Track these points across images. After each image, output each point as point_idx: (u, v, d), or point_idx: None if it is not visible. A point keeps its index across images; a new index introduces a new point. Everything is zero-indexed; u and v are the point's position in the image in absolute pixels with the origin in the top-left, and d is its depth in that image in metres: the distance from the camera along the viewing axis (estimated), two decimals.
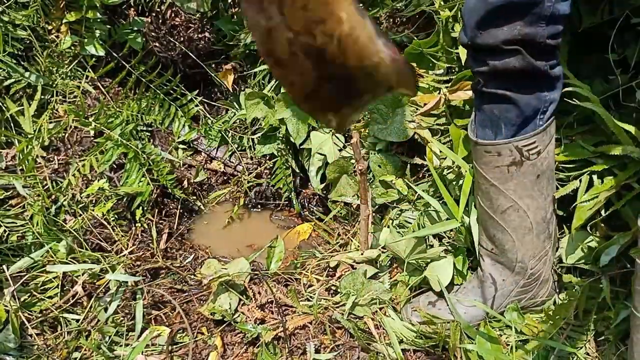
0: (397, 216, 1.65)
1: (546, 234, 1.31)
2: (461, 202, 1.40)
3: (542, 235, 1.30)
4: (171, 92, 2.04)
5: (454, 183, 1.52)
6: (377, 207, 1.72)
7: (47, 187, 1.70)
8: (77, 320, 1.51)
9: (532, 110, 1.17)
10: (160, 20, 2.04)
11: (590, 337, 1.32)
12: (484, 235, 1.38)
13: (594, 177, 1.29)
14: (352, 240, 1.77)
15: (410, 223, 1.60)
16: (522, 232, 1.29)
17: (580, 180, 1.29)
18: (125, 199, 1.82)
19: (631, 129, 1.20)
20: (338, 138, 1.84)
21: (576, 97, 1.25)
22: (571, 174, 1.32)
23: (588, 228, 1.34)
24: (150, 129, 2.02)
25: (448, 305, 1.42)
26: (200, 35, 2.07)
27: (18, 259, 1.52)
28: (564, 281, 1.38)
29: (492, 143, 1.21)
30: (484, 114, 1.22)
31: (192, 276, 1.73)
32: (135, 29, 1.97)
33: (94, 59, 1.90)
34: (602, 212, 1.30)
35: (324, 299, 1.55)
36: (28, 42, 1.80)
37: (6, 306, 1.41)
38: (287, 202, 2.07)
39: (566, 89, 1.22)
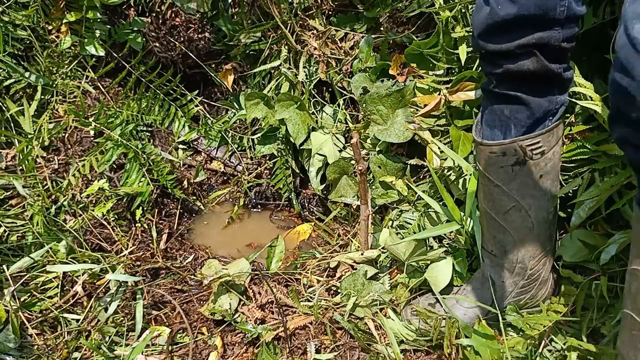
0: (397, 217, 1.65)
1: (547, 234, 1.31)
2: (467, 205, 1.39)
3: (542, 236, 1.30)
4: (171, 92, 2.04)
5: (455, 184, 1.52)
6: (377, 207, 1.72)
7: (47, 187, 1.70)
8: (77, 320, 1.51)
9: (543, 111, 1.16)
10: (160, 21, 2.04)
11: (588, 334, 1.32)
12: (484, 236, 1.38)
13: (596, 174, 1.29)
14: (352, 241, 1.77)
15: (410, 224, 1.60)
16: (524, 232, 1.29)
17: (583, 178, 1.29)
18: (125, 199, 1.82)
19: None
20: (338, 139, 1.84)
21: (578, 96, 1.25)
22: (571, 172, 1.32)
23: (588, 226, 1.34)
24: (150, 129, 2.02)
25: (444, 308, 1.42)
26: (200, 35, 2.07)
27: (18, 259, 1.52)
28: (564, 275, 1.38)
29: (496, 143, 1.20)
30: (493, 114, 1.21)
31: (192, 276, 1.73)
32: (135, 29, 1.97)
33: (94, 59, 1.90)
34: (602, 210, 1.30)
35: (324, 299, 1.55)
36: (28, 42, 1.80)
37: (6, 306, 1.41)
38: (287, 203, 2.07)
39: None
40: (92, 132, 1.84)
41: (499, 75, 1.14)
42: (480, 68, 1.47)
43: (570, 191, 1.32)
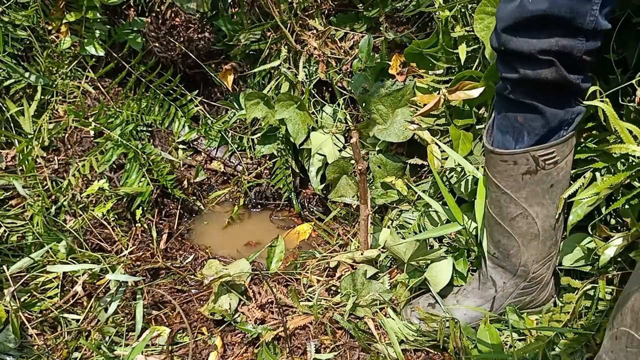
0: (397, 217, 1.65)
1: (553, 240, 1.30)
2: (477, 209, 1.38)
3: (548, 241, 1.30)
4: (171, 92, 2.04)
5: (456, 185, 1.52)
6: (377, 207, 1.72)
7: (47, 187, 1.70)
8: (77, 321, 1.51)
9: (559, 121, 1.14)
10: (160, 21, 2.04)
11: (590, 338, 1.32)
12: (488, 239, 1.37)
13: (597, 174, 1.28)
14: (351, 241, 1.77)
15: (410, 224, 1.60)
16: (529, 239, 1.28)
17: (585, 177, 1.28)
18: (125, 199, 1.82)
19: (634, 128, 1.20)
20: (338, 138, 1.84)
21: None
22: (572, 172, 1.32)
23: (589, 229, 1.34)
24: (150, 129, 2.02)
25: (443, 310, 1.42)
26: (200, 35, 2.07)
27: (18, 259, 1.52)
28: (563, 283, 1.38)
29: (508, 153, 1.18)
30: (506, 120, 1.19)
31: (192, 276, 1.73)
32: (135, 29, 1.97)
33: (93, 59, 1.90)
34: (603, 210, 1.30)
35: (324, 299, 1.55)
36: (28, 42, 1.80)
37: (6, 306, 1.41)
38: (287, 202, 2.07)
39: None
40: (92, 132, 1.84)
41: (515, 81, 1.12)
42: (480, 68, 1.47)
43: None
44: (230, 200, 2.11)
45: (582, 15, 1.00)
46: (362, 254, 1.58)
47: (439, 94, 1.52)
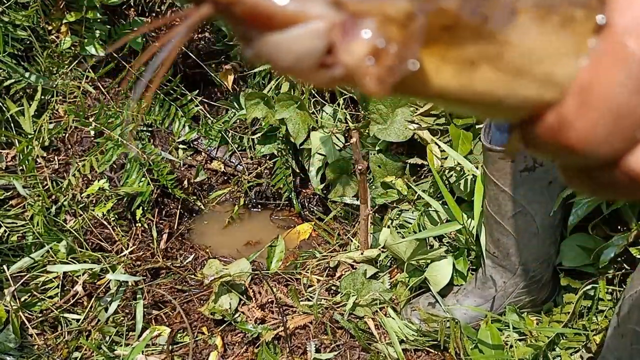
0: (397, 216, 1.65)
1: (552, 239, 1.30)
2: (475, 208, 1.38)
3: (547, 240, 1.29)
4: (171, 92, 2.04)
5: (456, 184, 1.52)
6: (377, 207, 1.72)
7: (47, 187, 1.70)
8: (78, 320, 1.51)
9: None
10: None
11: (591, 338, 1.32)
12: (487, 238, 1.37)
13: None
14: (352, 240, 1.77)
15: (410, 223, 1.60)
16: (528, 237, 1.28)
17: None
18: (125, 199, 1.82)
19: None
20: (338, 138, 1.84)
21: None
22: None
23: (589, 229, 1.34)
24: (150, 129, 2.02)
25: (443, 309, 1.42)
26: (200, 35, 2.07)
27: (18, 259, 1.52)
28: (563, 283, 1.38)
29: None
30: None
31: (192, 276, 1.73)
32: (135, 29, 1.97)
33: (94, 59, 1.90)
34: (604, 209, 1.30)
35: (324, 299, 1.55)
36: (28, 42, 1.80)
37: (6, 306, 1.41)
38: (287, 202, 2.07)
39: None
40: (92, 132, 1.84)
41: None
42: None
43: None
44: (231, 200, 2.11)
45: None
46: (362, 253, 1.58)
47: None
